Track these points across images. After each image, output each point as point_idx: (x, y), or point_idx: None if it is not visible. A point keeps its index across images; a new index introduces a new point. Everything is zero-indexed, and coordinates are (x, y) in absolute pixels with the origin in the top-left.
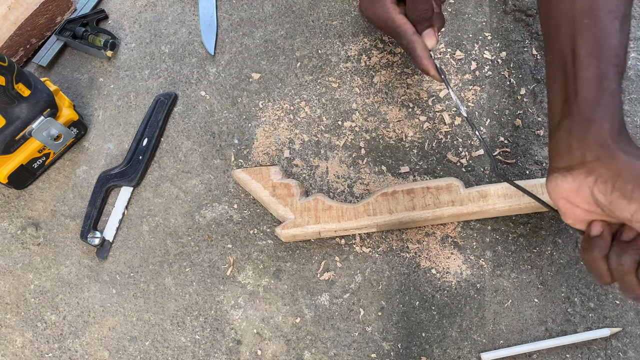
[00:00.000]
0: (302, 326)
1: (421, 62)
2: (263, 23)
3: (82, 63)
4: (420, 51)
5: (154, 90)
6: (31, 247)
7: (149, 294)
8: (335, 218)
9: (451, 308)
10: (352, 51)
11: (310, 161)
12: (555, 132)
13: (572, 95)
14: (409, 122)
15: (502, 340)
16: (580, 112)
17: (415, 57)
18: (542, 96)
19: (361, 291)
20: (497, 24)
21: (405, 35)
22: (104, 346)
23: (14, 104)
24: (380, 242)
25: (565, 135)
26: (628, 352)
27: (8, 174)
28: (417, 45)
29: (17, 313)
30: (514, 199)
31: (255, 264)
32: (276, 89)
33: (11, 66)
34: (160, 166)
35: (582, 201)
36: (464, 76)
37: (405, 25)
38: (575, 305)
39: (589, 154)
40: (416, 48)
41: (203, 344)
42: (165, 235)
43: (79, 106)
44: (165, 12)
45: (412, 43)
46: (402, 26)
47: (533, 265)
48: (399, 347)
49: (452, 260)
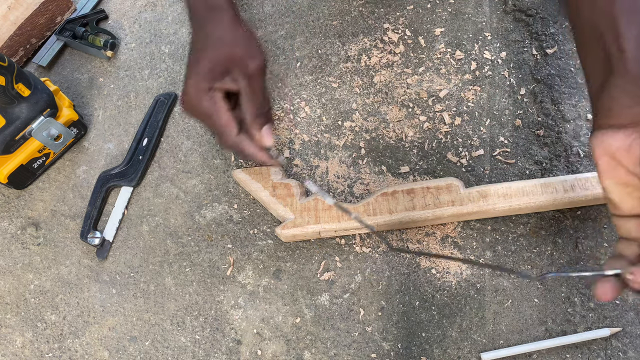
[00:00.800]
0: (302, 326)
1: (256, 158)
2: (263, 23)
3: (82, 63)
4: (251, 149)
5: (154, 90)
6: (31, 247)
7: (149, 294)
8: (335, 218)
9: (451, 308)
10: (352, 51)
11: (310, 161)
12: (604, 90)
13: (616, 53)
14: (409, 122)
15: (502, 340)
16: (631, 70)
17: (247, 155)
18: (542, 96)
19: (361, 291)
20: (497, 24)
21: (230, 136)
22: (104, 346)
23: (14, 104)
24: (381, 242)
25: (617, 92)
26: (628, 352)
27: (8, 174)
28: (245, 145)
29: (17, 313)
30: (514, 199)
31: (255, 264)
32: (276, 89)
33: (11, 66)
34: (160, 166)
35: (630, 161)
36: (464, 76)
37: (230, 124)
38: (575, 305)
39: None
40: (244, 148)
41: (203, 344)
42: (165, 235)
43: (79, 106)
44: (165, 12)
45: (239, 144)
46: (227, 126)
47: (533, 265)
48: (399, 347)
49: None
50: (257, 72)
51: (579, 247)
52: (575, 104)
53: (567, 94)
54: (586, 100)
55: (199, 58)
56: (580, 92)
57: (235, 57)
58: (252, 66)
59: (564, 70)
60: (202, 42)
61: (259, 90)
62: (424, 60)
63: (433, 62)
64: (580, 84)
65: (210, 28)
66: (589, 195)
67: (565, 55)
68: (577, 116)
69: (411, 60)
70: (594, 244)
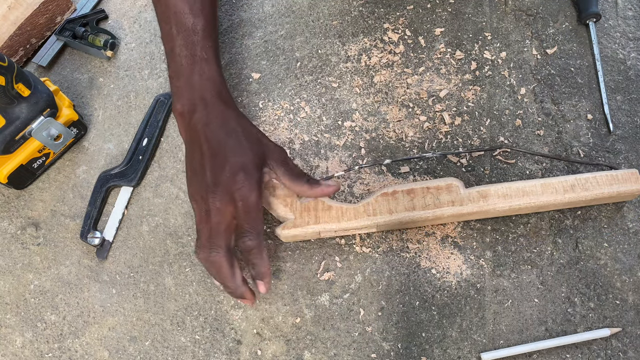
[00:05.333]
0: (302, 326)
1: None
2: (263, 23)
3: (82, 63)
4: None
5: (154, 90)
6: (31, 247)
7: (149, 294)
8: (335, 218)
9: (451, 308)
10: (352, 51)
11: (310, 161)
12: None
13: None
14: (409, 122)
15: (502, 340)
16: None
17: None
18: (542, 96)
19: (361, 291)
20: (497, 24)
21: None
22: (104, 346)
23: (14, 104)
24: (380, 242)
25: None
26: (628, 352)
27: (8, 174)
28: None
29: (17, 313)
30: (514, 199)
31: None
32: (276, 89)
33: (11, 66)
34: (160, 166)
35: None
36: (464, 76)
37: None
38: (575, 305)
39: None
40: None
41: (203, 344)
42: (165, 235)
43: (79, 106)
44: None
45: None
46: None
47: (533, 265)
48: (399, 347)
49: (452, 260)
50: (285, 153)
51: (579, 247)
52: (575, 104)
53: (567, 94)
54: (586, 100)
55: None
56: (581, 92)
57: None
58: (280, 150)
59: (564, 70)
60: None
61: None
62: (424, 60)
63: (433, 62)
64: (581, 83)
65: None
66: (589, 195)
67: (565, 55)
68: (577, 116)
69: (411, 60)
70: (594, 244)
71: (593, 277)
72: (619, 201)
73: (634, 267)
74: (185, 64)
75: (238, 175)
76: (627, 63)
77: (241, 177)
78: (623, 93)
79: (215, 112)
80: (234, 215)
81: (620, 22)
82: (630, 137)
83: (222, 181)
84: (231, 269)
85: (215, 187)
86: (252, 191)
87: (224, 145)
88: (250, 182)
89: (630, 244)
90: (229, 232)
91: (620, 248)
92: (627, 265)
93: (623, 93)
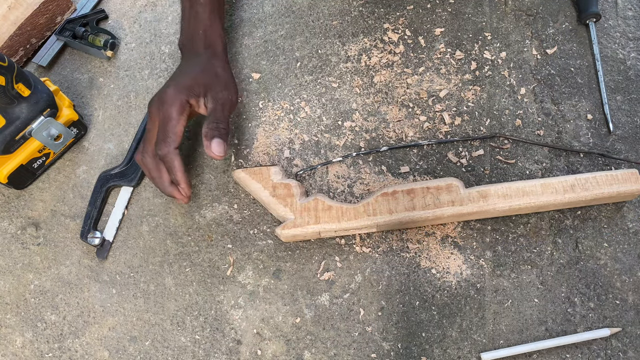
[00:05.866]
0: (302, 326)
1: (176, 174)
2: (263, 23)
3: (82, 63)
4: (178, 165)
5: (154, 90)
6: (31, 247)
7: (149, 294)
8: (335, 218)
9: (451, 308)
10: (352, 51)
11: (310, 161)
12: None
13: None
14: (409, 122)
15: (502, 340)
16: None
17: (171, 167)
18: (542, 96)
19: (361, 291)
20: (497, 24)
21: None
22: (104, 346)
23: (14, 104)
24: (380, 242)
25: None
26: (628, 352)
27: (8, 174)
28: (175, 159)
29: (17, 313)
30: (514, 199)
31: (255, 264)
32: (276, 89)
33: (11, 66)
34: None
35: None
36: (464, 76)
37: (178, 136)
38: (575, 305)
39: None
40: (174, 160)
41: (203, 344)
42: (165, 235)
43: (79, 106)
44: (165, 12)
45: (172, 155)
46: (177, 135)
47: (533, 265)
48: (399, 347)
49: (452, 260)
50: (227, 102)
51: (579, 247)
52: (575, 104)
53: (567, 94)
54: (586, 100)
55: (185, 75)
56: (580, 92)
57: (215, 85)
58: (225, 96)
59: (564, 70)
60: (192, 67)
61: (222, 116)
62: (424, 60)
63: (433, 62)
64: (580, 83)
65: (204, 59)
66: (589, 195)
67: (565, 55)
68: (577, 116)
69: (411, 60)
70: (594, 244)
71: (593, 277)
72: (619, 201)
73: (634, 267)
74: (187, 7)
75: (167, 93)
76: (627, 63)
77: (170, 94)
78: (623, 93)
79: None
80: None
81: (620, 22)
82: (630, 137)
83: (159, 96)
84: (158, 172)
85: (152, 100)
86: (171, 107)
87: (182, 70)
88: (174, 100)
89: (630, 244)
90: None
91: (620, 248)
92: (627, 265)
93: (623, 93)
